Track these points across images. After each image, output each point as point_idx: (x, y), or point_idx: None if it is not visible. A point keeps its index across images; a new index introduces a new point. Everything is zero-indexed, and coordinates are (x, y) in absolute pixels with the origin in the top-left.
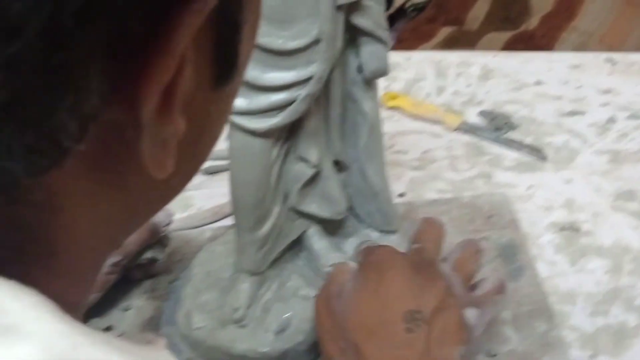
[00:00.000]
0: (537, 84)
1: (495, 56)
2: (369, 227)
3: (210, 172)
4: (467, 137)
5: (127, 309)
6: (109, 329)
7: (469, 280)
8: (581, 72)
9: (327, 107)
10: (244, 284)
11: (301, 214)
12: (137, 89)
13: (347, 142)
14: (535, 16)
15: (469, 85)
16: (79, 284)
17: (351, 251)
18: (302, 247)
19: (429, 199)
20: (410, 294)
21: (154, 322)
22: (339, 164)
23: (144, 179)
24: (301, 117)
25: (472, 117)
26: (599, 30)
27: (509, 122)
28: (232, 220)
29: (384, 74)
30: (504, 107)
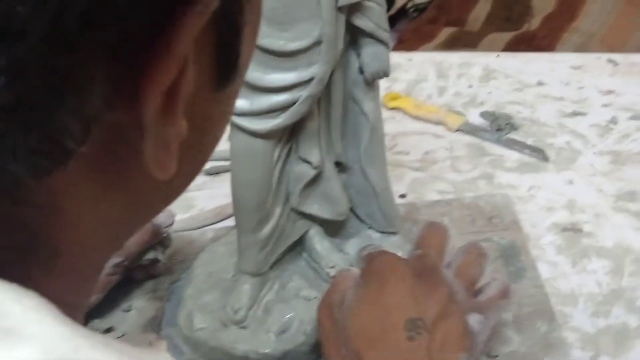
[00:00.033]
0: (539, 84)
1: (496, 57)
2: (370, 228)
3: (212, 173)
4: (469, 138)
5: (128, 309)
6: (110, 329)
7: (472, 285)
8: (583, 73)
9: (328, 108)
10: (246, 285)
11: (303, 215)
12: (139, 91)
13: (348, 143)
14: (536, 17)
15: (470, 86)
16: (80, 284)
17: (353, 252)
18: (303, 248)
19: (430, 200)
20: (411, 302)
21: (156, 322)
22: (340, 165)
23: (146, 180)
24: (302, 118)
25: (474, 117)
26: (600, 31)
27: (510, 123)
28: (233, 221)
29: (385, 75)
30: (506, 107)
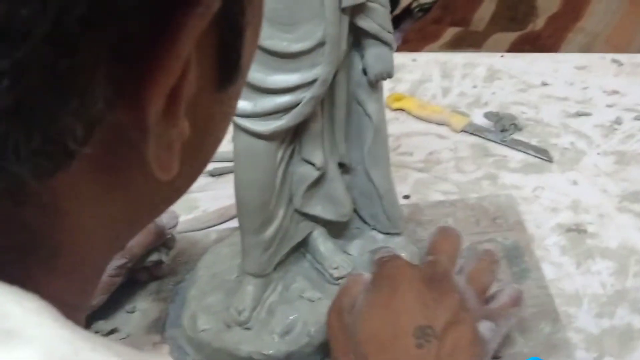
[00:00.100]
0: (543, 85)
1: (501, 57)
2: (373, 229)
3: (215, 174)
4: (473, 139)
5: (132, 311)
6: (114, 331)
7: (484, 292)
8: (587, 73)
9: (331, 109)
10: (249, 286)
11: (306, 216)
12: (142, 93)
13: (352, 144)
14: (541, 17)
15: (474, 86)
16: (81, 285)
17: (356, 253)
18: (307, 249)
19: (434, 201)
20: (421, 309)
21: (159, 324)
22: (343, 166)
23: (148, 180)
24: (306, 120)
25: (478, 118)
26: (605, 31)
27: (514, 124)
28: (237, 222)
29: (389, 76)
30: (510, 108)
